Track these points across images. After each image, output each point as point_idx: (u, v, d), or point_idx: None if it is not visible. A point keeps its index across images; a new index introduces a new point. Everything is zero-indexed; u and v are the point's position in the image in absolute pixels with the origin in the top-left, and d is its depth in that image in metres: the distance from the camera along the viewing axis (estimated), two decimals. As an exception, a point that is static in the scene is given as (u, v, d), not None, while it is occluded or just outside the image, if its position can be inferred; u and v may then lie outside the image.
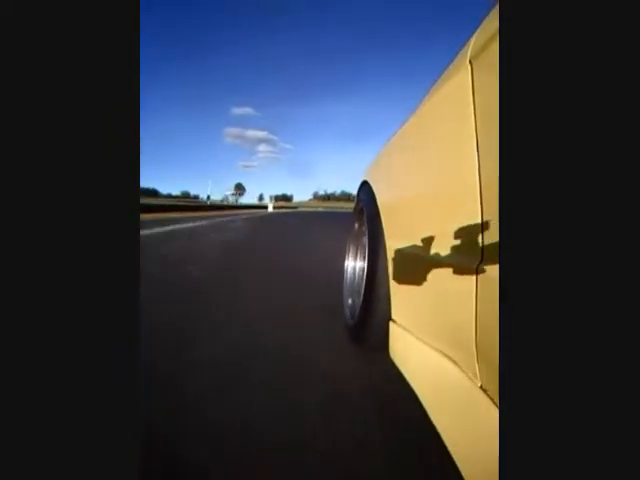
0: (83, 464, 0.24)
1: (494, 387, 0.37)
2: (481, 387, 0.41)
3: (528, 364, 0.24)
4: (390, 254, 0.79)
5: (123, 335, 0.26)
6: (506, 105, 0.27)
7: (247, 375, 0.83)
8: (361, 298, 0.90)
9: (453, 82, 0.51)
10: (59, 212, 0.25)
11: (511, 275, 0.26)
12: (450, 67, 0.55)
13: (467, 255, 0.43)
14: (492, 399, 0.38)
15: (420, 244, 0.61)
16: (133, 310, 0.26)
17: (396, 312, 0.77)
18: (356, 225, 1.28)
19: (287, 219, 12.21)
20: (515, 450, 0.23)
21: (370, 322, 0.86)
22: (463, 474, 0.40)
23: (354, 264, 1.29)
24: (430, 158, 0.62)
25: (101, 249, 0.26)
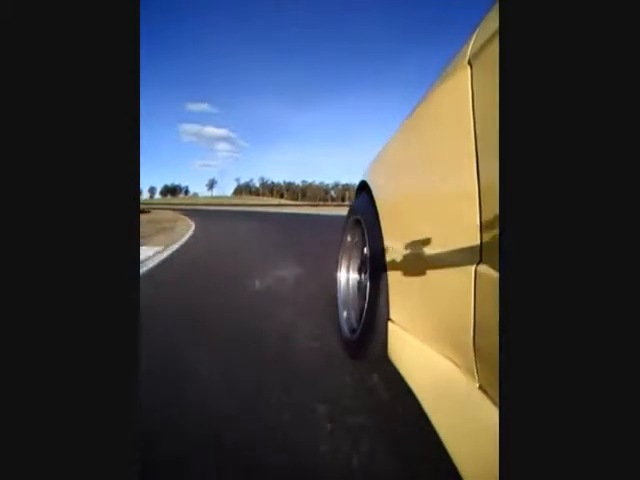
0: (83, 463, 0.24)
1: (493, 387, 0.38)
2: (480, 387, 0.41)
3: (527, 364, 0.24)
4: (389, 253, 0.79)
5: (123, 334, 0.26)
6: (505, 105, 0.27)
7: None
8: (360, 297, 0.90)
9: (452, 82, 0.51)
10: (59, 212, 0.25)
11: (510, 275, 0.26)
12: (449, 67, 0.55)
13: (465, 255, 0.43)
14: (491, 399, 0.38)
15: (419, 244, 0.61)
16: (133, 310, 0.26)
17: (395, 312, 0.77)
18: (353, 225, 1.28)
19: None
20: (515, 450, 0.23)
21: (369, 325, 0.86)
22: (463, 474, 0.40)
23: (351, 264, 1.29)
24: (429, 158, 0.62)
25: (101, 249, 0.26)
